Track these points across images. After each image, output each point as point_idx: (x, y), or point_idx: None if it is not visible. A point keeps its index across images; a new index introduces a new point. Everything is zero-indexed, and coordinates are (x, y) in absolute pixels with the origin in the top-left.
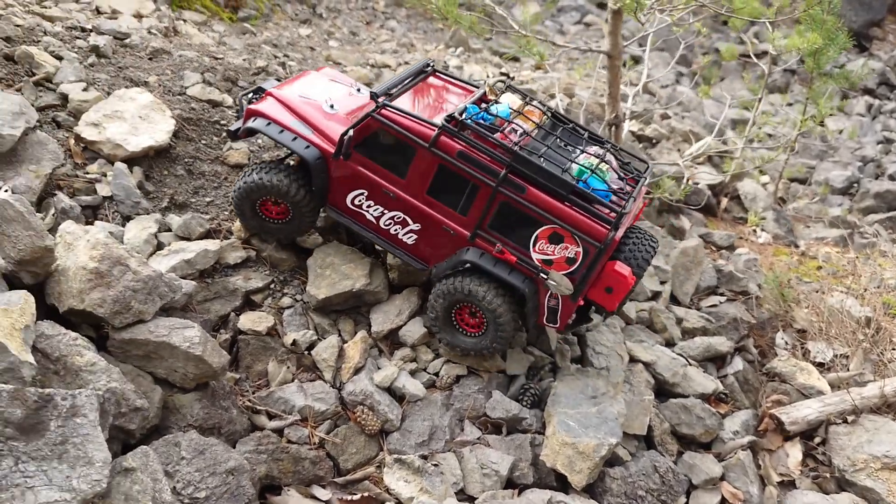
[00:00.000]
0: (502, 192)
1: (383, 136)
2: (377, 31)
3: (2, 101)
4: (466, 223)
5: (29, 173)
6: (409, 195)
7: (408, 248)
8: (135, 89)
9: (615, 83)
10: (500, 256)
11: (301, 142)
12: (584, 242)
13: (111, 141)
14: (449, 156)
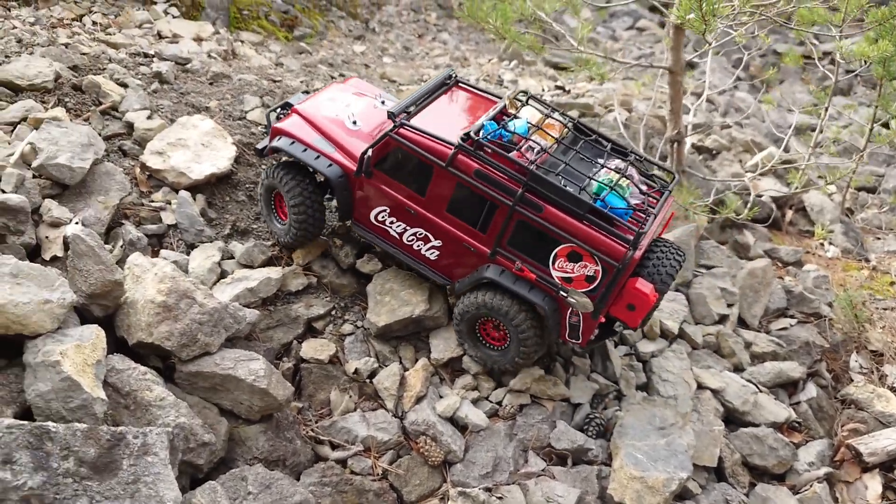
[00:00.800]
0: (520, 212)
1: (402, 155)
2: (430, 44)
3: (71, 133)
4: (486, 241)
5: (98, 204)
6: (429, 213)
7: (431, 264)
8: (197, 116)
9: (677, 99)
10: (520, 274)
11: (324, 160)
12: (603, 262)
13: (175, 169)
14: (466, 175)
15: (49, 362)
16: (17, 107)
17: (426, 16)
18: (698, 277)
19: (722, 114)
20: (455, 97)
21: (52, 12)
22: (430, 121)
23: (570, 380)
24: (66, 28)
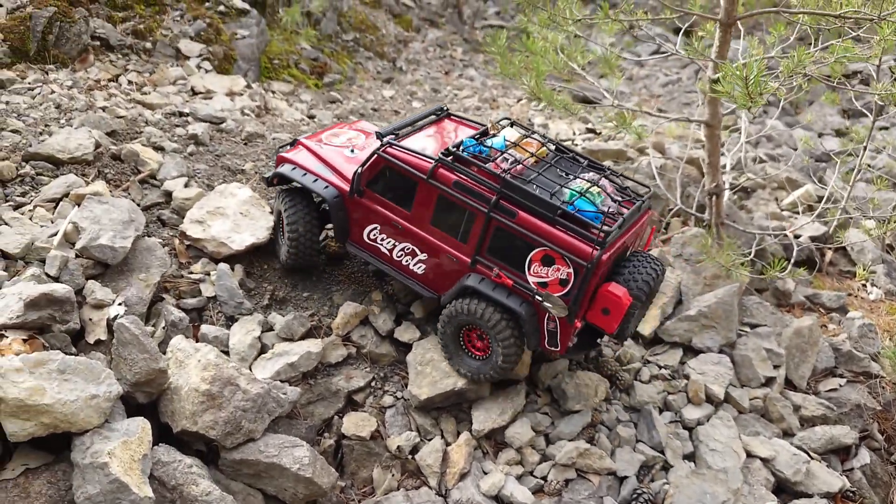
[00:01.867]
0: (495, 218)
1: (390, 173)
2: (457, 81)
3: (112, 210)
4: (467, 250)
5: (139, 282)
6: (415, 227)
7: (418, 278)
8: (234, 185)
9: (715, 153)
10: (498, 281)
11: (321, 183)
12: (574, 263)
13: (216, 239)
14: (446, 186)
15: (97, 464)
16: (59, 182)
17: (452, 51)
18: (742, 338)
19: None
20: (444, 126)
21: (89, 74)
22: (417, 143)
23: (615, 451)
24: (103, 90)
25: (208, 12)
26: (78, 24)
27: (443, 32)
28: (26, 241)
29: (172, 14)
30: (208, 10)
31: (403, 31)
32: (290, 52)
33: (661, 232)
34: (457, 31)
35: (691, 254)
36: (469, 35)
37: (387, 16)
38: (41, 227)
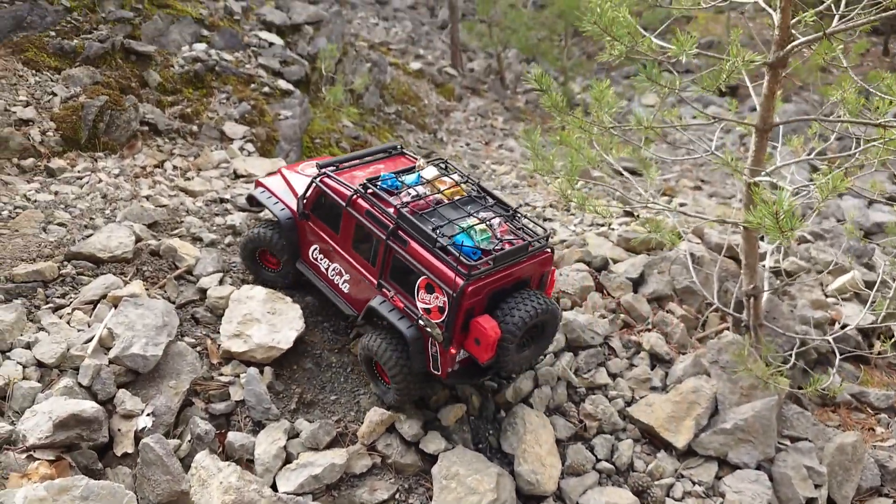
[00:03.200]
0: (391, 246)
1: (325, 199)
2: (497, 153)
3: (147, 315)
4: (375, 273)
5: (169, 390)
6: (341, 248)
7: (344, 295)
8: (245, 287)
9: (752, 253)
10: (393, 302)
11: (279, 205)
12: (445, 291)
13: (262, 346)
14: (360, 214)
15: None
16: (98, 283)
17: (493, 120)
18: (781, 453)
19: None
20: (394, 162)
21: (136, 160)
22: (356, 175)
23: None
24: (148, 177)
25: (253, 94)
26: (128, 112)
27: (484, 101)
28: (62, 349)
29: (219, 96)
30: (253, 91)
31: (445, 101)
32: (332, 130)
33: (697, 329)
34: (498, 99)
35: (727, 361)
36: (510, 103)
37: (429, 85)
38: (78, 332)
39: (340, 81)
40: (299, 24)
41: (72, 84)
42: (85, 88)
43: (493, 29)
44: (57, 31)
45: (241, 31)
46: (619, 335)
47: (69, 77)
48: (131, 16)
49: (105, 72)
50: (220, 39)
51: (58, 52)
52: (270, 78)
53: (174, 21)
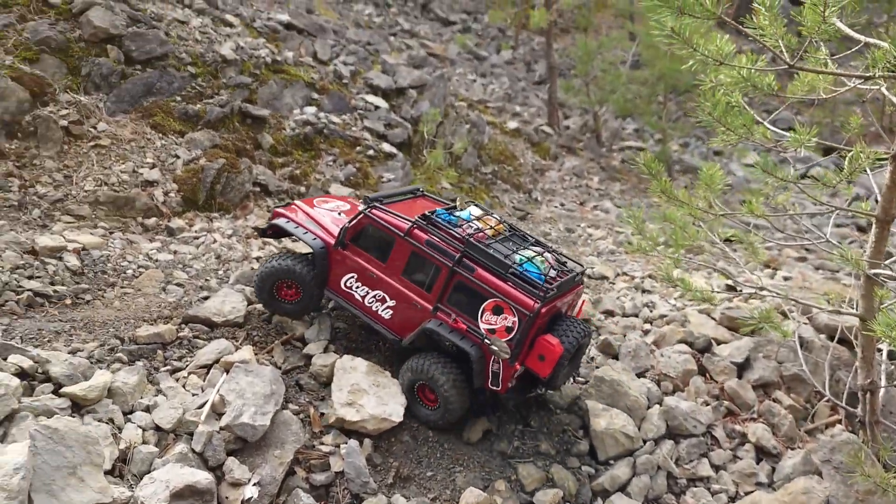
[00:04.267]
0: (457, 272)
1: (372, 230)
2: (592, 214)
3: (256, 383)
4: (430, 299)
5: (274, 460)
6: (387, 276)
7: (384, 322)
8: (346, 358)
9: (869, 346)
10: (454, 326)
11: (310, 235)
12: (519, 312)
13: (375, 417)
14: (419, 243)
15: None
16: (212, 348)
17: (588, 180)
18: None
19: None
20: (420, 202)
21: (248, 221)
22: (396, 209)
23: None
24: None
25: (358, 156)
26: (242, 174)
27: (580, 160)
28: (178, 415)
29: (326, 158)
30: (358, 153)
31: (541, 160)
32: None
33: (806, 420)
34: (594, 158)
35: (841, 462)
36: (606, 162)
37: (525, 144)
38: (192, 396)
39: (441, 144)
40: (404, 87)
41: (193, 147)
42: (205, 151)
43: (590, 87)
44: (182, 96)
45: (348, 94)
46: (723, 423)
47: (191, 140)
48: (249, 81)
49: (223, 135)
50: (329, 103)
51: (182, 116)
52: (375, 141)
53: (287, 85)
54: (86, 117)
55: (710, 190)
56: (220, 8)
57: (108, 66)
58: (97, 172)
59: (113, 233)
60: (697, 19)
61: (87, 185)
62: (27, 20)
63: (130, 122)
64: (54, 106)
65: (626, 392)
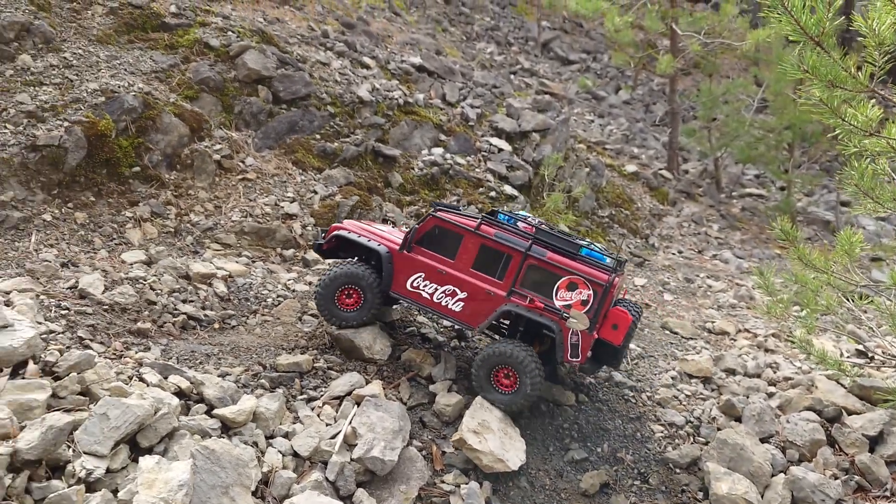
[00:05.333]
0: (532, 256)
1: (439, 231)
2: (711, 264)
3: (386, 419)
4: (503, 286)
5: (400, 494)
6: (457, 271)
7: (455, 315)
8: (493, 410)
9: None
10: (531, 306)
11: (375, 242)
12: (594, 286)
13: (493, 454)
14: (488, 236)
15: None
16: (345, 380)
17: (707, 228)
18: None
19: None
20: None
21: None
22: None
23: None
24: None
25: (481, 197)
26: (373, 210)
27: (699, 206)
28: (314, 443)
29: (451, 198)
30: (481, 194)
31: (658, 205)
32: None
33: None
34: (714, 205)
35: None
36: (726, 209)
37: (643, 188)
38: (326, 426)
39: (560, 187)
40: (527, 131)
41: (330, 183)
42: (340, 188)
43: (711, 132)
44: (322, 134)
45: (473, 136)
46: (853, 500)
47: (328, 177)
48: (382, 122)
49: (357, 172)
50: (455, 144)
51: (321, 153)
52: (497, 182)
53: (417, 126)
54: (236, 152)
55: (848, 256)
56: (357, 51)
57: (257, 104)
58: (243, 204)
59: (255, 262)
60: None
61: (235, 215)
62: (190, 61)
63: (274, 157)
64: (209, 141)
65: (749, 457)
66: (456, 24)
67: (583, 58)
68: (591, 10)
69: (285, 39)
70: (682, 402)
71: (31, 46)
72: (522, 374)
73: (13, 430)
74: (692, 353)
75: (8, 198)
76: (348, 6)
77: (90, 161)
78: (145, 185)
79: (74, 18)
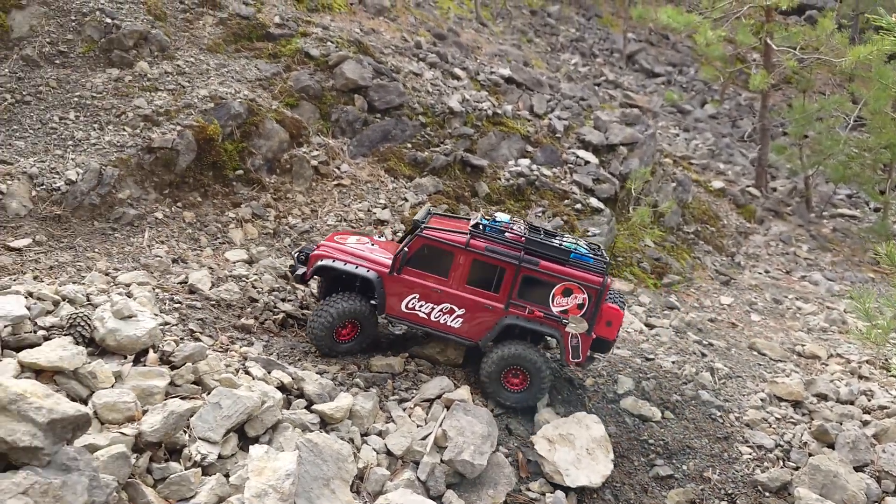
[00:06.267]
0: (525, 267)
1: (428, 250)
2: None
3: (475, 423)
4: (500, 298)
5: (488, 498)
6: (452, 288)
7: (455, 331)
8: (593, 418)
9: None
10: (531, 316)
11: (363, 268)
12: (588, 289)
13: (554, 465)
14: (479, 251)
15: None
16: (435, 383)
17: (796, 248)
18: None
19: None
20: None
21: None
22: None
23: None
24: None
25: (566, 209)
26: None
27: (787, 226)
28: (407, 443)
29: (535, 209)
30: (566, 206)
31: (745, 223)
32: (634, 249)
33: None
34: (803, 224)
35: None
36: (816, 230)
37: (730, 205)
38: (417, 427)
39: (647, 202)
40: (615, 144)
41: (419, 191)
42: (430, 196)
43: (803, 150)
44: (413, 143)
45: (560, 148)
46: None
47: (418, 185)
48: (471, 132)
49: (445, 181)
50: (542, 155)
51: (412, 162)
52: (583, 195)
53: (505, 137)
54: (332, 158)
55: None
56: (449, 62)
57: (353, 113)
58: (338, 209)
59: None
60: None
61: (329, 219)
62: (291, 70)
63: (368, 164)
64: (307, 147)
65: (843, 485)
66: (541, 35)
67: (668, 70)
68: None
69: (380, 50)
70: (771, 424)
71: (148, 54)
72: (535, 376)
73: (137, 413)
74: (781, 376)
75: (125, 196)
76: (438, 17)
77: (198, 163)
78: (247, 188)
79: (187, 28)
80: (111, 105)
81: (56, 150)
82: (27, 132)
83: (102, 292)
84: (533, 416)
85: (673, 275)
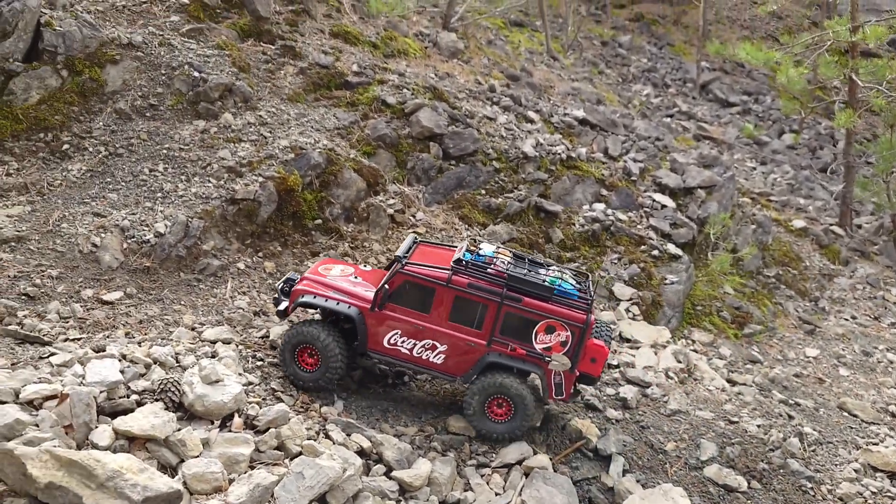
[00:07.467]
0: (507, 304)
1: (409, 286)
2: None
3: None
4: (482, 335)
5: None
6: (434, 324)
7: (437, 367)
8: (677, 490)
9: None
10: (513, 353)
11: (343, 305)
12: (571, 326)
13: None
14: (462, 288)
15: None
16: (514, 448)
17: (885, 292)
18: None
19: None
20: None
21: None
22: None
23: None
24: None
25: (643, 255)
26: None
27: (875, 268)
28: None
29: (611, 256)
30: (643, 252)
31: (829, 264)
32: (713, 297)
33: None
34: (891, 266)
35: None
36: None
37: (812, 246)
38: (496, 495)
39: (726, 247)
40: (692, 187)
41: (493, 239)
42: (504, 244)
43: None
44: (486, 189)
45: (636, 191)
46: None
47: (492, 232)
48: (545, 177)
49: (519, 228)
50: (617, 199)
51: (485, 208)
52: (660, 240)
53: (579, 181)
54: (407, 206)
55: None
56: (522, 104)
57: (429, 160)
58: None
59: None
60: None
61: None
62: (368, 118)
63: (442, 212)
64: (384, 195)
65: None
66: (612, 66)
67: (743, 100)
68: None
69: (454, 94)
70: (867, 500)
71: (232, 105)
72: (519, 405)
73: (224, 483)
74: (875, 441)
75: (210, 247)
76: (510, 54)
77: (279, 213)
78: (326, 237)
79: (269, 78)
80: (197, 157)
81: (146, 203)
82: (119, 184)
83: (190, 351)
84: (609, 473)
85: (754, 324)
